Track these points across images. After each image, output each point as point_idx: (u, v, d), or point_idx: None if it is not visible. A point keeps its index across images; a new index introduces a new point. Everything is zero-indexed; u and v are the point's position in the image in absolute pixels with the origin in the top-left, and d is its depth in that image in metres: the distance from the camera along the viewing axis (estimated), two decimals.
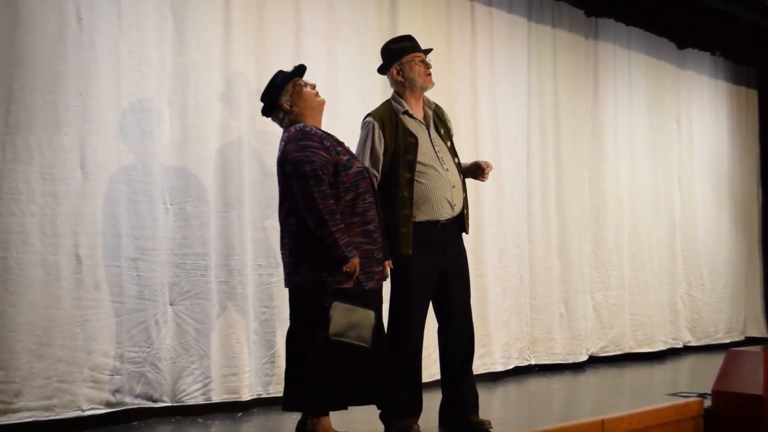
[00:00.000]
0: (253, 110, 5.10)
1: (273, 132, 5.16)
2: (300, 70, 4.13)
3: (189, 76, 4.84)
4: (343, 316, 3.79)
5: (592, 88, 7.48)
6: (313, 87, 4.11)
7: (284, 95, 4.05)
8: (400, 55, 4.39)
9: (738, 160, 9.12)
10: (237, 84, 5.02)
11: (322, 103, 4.11)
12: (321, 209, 3.77)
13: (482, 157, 6.21)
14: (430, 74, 4.41)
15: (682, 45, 8.48)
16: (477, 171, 4.49)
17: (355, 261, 3.84)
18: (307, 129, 3.97)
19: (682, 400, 5.30)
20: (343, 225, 3.82)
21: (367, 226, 3.96)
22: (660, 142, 8.11)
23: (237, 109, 5.02)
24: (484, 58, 6.50)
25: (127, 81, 4.58)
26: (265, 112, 4.15)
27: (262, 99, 4.14)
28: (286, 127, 4.06)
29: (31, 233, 4.21)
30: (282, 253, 4.01)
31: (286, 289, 4.03)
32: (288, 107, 4.05)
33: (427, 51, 4.45)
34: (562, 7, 7.20)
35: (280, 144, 4.00)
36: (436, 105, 4.54)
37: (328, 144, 3.95)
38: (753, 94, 9.42)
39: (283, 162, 3.93)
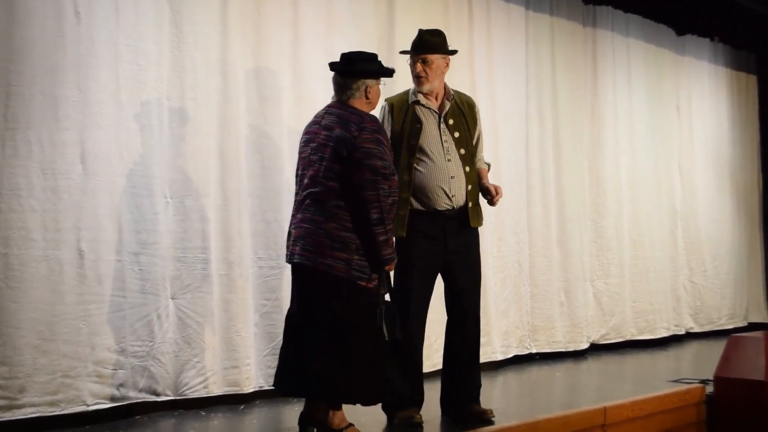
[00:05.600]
0: (252, 102, 5.11)
1: (271, 124, 5.18)
2: (391, 73, 4.09)
3: (187, 69, 4.83)
4: (387, 315, 3.91)
5: (591, 76, 7.46)
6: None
7: (369, 81, 4.00)
8: (409, 53, 4.44)
9: (738, 145, 9.10)
10: (235, 76, 5.01)
11: (372, 109, 4.11)
12: (383, 207, 3.83)
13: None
14: (417, 77, 4.36)
15: (681, 31, 8.45)
16: (486, 194, 4.46)
17: (395, 263, 3.98)
18: (380, 124, 4.05)
19: (684, 387, 5.32)
20: (392, 226, 3.93)
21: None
22: (660, 128, 8.09)
23: (235, 101, 5.01)
24: (482, 48, 6.48)
25: (125, 75, 4.58)
26: (349, 72, 3.99)
27: (351, 58, 4.02)
28: (345, 101, 3.97)
29: (32, 229, 4.21)
30: (309, 229, 3.85)
31: (285, 278, 3.98)
32: (365, 89, 4.01)
33: (418, 53, 4.37)
34: None
35: (350, 122, 3.88)
36: (468, 97, 4.55)
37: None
38: (753, 79, 9.40)
39: (351, 143, 3.82)
